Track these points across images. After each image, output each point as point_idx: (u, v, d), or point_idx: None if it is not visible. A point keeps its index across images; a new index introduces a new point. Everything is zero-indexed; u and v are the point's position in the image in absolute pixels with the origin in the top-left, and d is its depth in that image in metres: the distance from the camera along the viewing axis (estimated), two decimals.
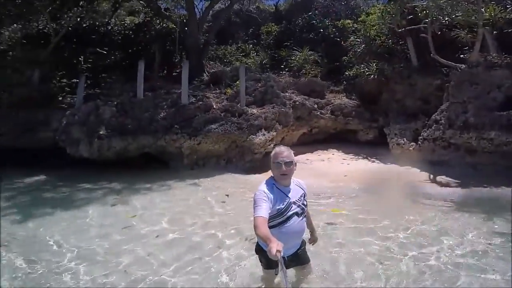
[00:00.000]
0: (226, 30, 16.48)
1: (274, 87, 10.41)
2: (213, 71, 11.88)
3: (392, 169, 8.12)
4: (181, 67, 10.56)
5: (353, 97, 11.77)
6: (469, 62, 7.61)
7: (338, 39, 13.74)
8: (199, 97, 9.66)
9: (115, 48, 12.32)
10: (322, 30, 14.28)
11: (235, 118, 8.99)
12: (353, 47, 11.94)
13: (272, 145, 9.26)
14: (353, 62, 11.86)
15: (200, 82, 11.28)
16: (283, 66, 13.25)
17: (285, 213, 2.36)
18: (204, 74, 11.81)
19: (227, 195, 6.29)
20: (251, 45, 15.26)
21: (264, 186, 2.37)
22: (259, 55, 14.45)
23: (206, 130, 8.51)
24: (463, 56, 8.77)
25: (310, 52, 12.95)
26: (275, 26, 15.67)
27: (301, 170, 7.93)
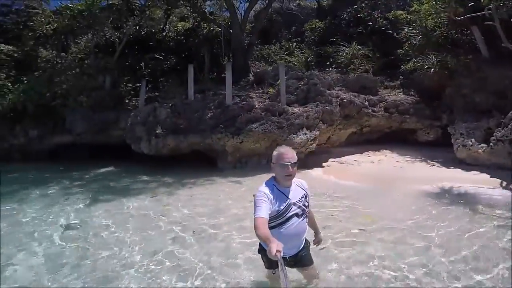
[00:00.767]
0: (269, 29, 16.75)
1: (317, 85, 10.35)
2: (257, 71, 12.40)
3: (455, 175, 7.15)
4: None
5: (411, 93, 11.02)
6: None
7: (390, 31, 13.20)
8: (243, 97, 10.23)
9: (170, 53, 13.59)
10: (371, 23, 13.90)
11: (275, 117, 9.23)
12: (409, 39, 11.33)
13: (314, 145, 9.33)
14: (410, 55, 11.21)
15: (246, 82, 11.92)
16: (330, 62, 13.06)
17: (285, 214, 2.36)
18: (250, 74, 12.41)
19: None
20: (294, 43, 15.44)
21: (264, 187, 2.36)
22: (303, 53, 14.59)
23: (247, 129, 8.96)
24: None
25: (359, 47, 12.60)
26: (319, 22, 15.61)
27: (343, 172, 8.11)
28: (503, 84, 8.31)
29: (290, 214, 2.38)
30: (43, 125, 12.83)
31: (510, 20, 8.06)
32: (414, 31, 11.09)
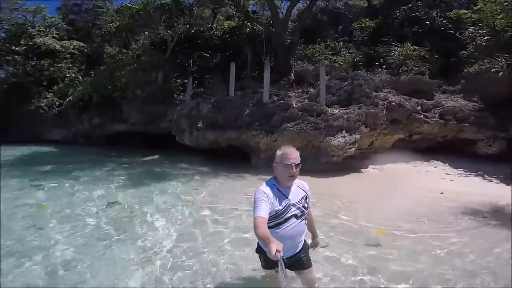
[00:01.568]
0: (314, 29, 16.46)
1: (362, 86, 9.90)
2: (298, 70, 12.39)
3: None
4: (271, 67, 11.35)
5: (473, 99, 10.05)
6: None
7: (451, 31, 12.24)
8: (280, 96, 10.32)
9: (216, 51, 14.22)
10: (428, 22, 13.02)
11: (313, 118, 9.03)
12: (474, 40, 10.48)
13: (353, 149, 8.82)
14: (475, 57, 10.30)
15: (287, 81, 11.99)
16: (379, 63, 12.46)
17: (283, 215, 2.34)
18: (291, 73, 12.45)
19: None
20: (341, 43, 15.08)
21: (264, 186, 2.36)
22: (351, 53, 14.20)
23: (282, 128, 9.00)
24: None
25: (413, 47, 11.88)
26: (370, 22, 15.01)
27: (379, 180, 7.68)
28: None
29: (289, 215, 2.36)
30: (104, 114, 14.52)
31: None
32: (480, 31, 10.21)
